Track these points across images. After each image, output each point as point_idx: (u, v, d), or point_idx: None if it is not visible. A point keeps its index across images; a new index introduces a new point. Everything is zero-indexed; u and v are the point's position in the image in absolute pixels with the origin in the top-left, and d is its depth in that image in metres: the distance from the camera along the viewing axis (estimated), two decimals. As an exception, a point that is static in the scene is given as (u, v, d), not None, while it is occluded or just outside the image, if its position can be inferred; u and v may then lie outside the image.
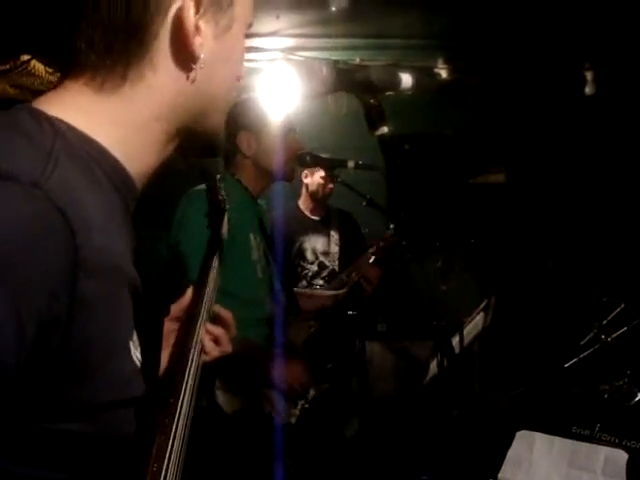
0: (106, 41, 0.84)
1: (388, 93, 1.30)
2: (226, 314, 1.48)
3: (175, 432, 1.01)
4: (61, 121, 0.82)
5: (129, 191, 0.89)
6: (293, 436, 2.56)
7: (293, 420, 2.58)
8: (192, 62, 0.88)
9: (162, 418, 1.01)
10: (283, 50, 4.50)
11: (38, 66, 4.56)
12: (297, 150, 2.75)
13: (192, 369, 1.18)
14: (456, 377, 3.14)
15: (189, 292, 1.40)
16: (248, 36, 1.01)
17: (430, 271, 3.68)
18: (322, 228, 3.96)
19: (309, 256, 3.89)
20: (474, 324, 3.47)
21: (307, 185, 3.95)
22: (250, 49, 4.30)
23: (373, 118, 1.30)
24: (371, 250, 3.23)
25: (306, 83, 1.09)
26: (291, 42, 4.49)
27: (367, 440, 3.53)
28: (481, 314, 3.58)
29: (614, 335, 3.26)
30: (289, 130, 2.71)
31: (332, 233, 3.97)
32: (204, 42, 0.88)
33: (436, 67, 4.80)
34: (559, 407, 2.32)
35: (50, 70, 4.65)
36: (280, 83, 4.37)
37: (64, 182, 0.74)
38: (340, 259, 3.90)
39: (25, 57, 4.42)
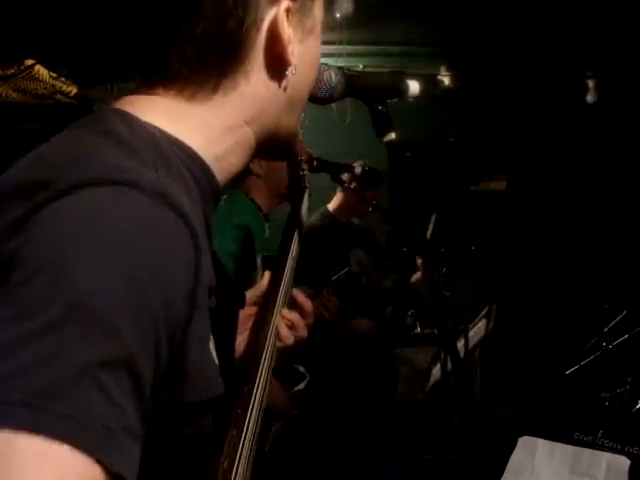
0: (199, 56, 0.84)
1: (395, 100, 1.31)
2: (303, 299, 1.45)
3: (248, 425, 1.00)
4: (153, 126, 0.81)
5: (214, 197, 0.89)
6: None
7: (267, 447, 2.57)
8: (285, 70, 0.89)
9: (235, 410, 0.99)
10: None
11: (42, 71, 4.57)
12: (304, 157, 2.75)
13: (267, 358, 1.16)
14: (457, 384, 3.15)
15: (267, 276, 1.39)
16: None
17: (433, 277, 3.68)
18: (360, 235, 3.80)
19: (355, 268, 3.71)
20: (476, 331, 3.48)
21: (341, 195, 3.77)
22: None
23: (381, 124, 1.30)
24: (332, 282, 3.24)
25: (315, 90, 1.10)
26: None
27: (367, 445, 3.53)
28: (483, 321, 3.59)
29: (615, 342, 3.26)
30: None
31: (369, 241, 3.82)
32: (294, 49, 0.88)
33: (439, 74, 4.82)
34: (561, 413, 2.32)
35: (54, 75, 4.67)
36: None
37: (173, 190, 0.73)
38: (378, 269, 3.78)
39: (29, 62, 4.43)
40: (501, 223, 5.49)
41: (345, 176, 3.05)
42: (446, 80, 4.88)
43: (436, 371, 3.56)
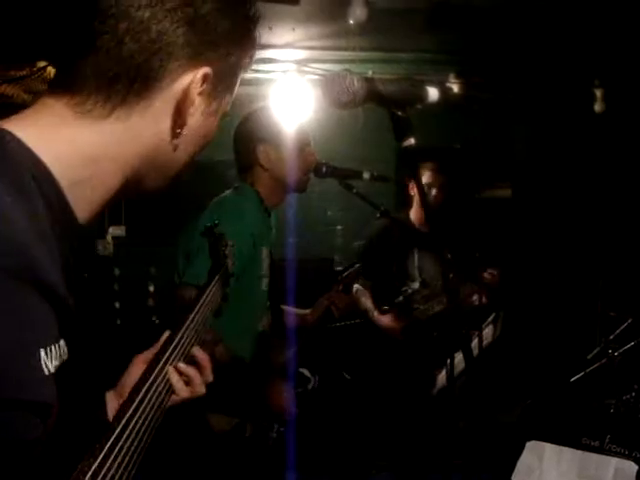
0: (114, 74, 0.89)
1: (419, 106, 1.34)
2: (202, 356, 1.44)
3: (109, 455, 0.99)
4: (10, 134, 0.85)
5: (69, 223, 0.90)
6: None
7: (269, 443, 2.60)
8: (179, 127, 0.96)
9: (95, 444, 0.98)
10: (297, 62, 4.55)
11: (54, 73, 4.60)
12: (312, 161, 2.76)
13: (144, 406, 1.14)
14: (463, 389, 3.16)
15: (164, 336, 1.38)
16: (263, 47, 1.08)
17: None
18: (431, 243, 3.81)
19: (413, 272, 3.79)
20: (483, 336, 3.48)
21: (414, 196, 3.85)
22: (265, 60, 4.36)
23: (400, 130, 1.33)
24: (340, 278, 3.28)
25: (335, 96, 1.12)
26: (305, 54, 4.54)
27: (372, 450, 3.54)
28: (490, 326, 3.60)
29: (621, 350, 3.27)
30: (305, 142, 2.72)
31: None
32: (195, 114, 0.96)
33: (448, 82, 4.84)
34: (569, 419, 2.34)
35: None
36: (294, 95, 4.41)
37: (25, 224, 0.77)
38: (444, 278, 3.67)
39: (42, 63, 4.46)
40: (506, 231, 5.50)
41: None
42: (454, 87, 4.91)
43: (441, 377, 3.57)
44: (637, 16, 3.97)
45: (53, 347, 0.84)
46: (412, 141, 1.32)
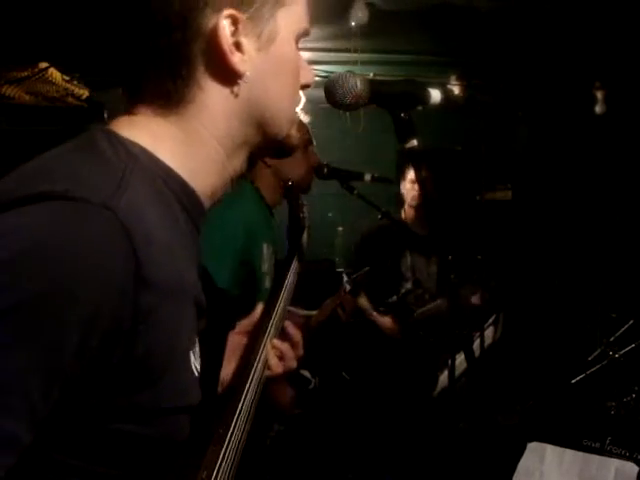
0: (157, 71, 0.89)
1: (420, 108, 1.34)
2: (294, 331, 1.48)
3: (228, 443, 1.04)
4: (134, 144, 0.87)
5: (195, 209, 0.92)
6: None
7: (267, 441, 2.60)
8: (236, 78, 0.91)
9: (217, 429, 1.04)
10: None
11: (56, 74, 4.59)
12: (314, 163, 2.76)
13: (252, 384, 1.20)
14: (463, 390, 3.16)
15: (260, 307, 1.43)
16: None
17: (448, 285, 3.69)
18: (424, 244, 3.79)
19: (406, 272, 3.78)
20: (484, 338, 3.48)
21: (403, 195, 3.84)
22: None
23: (403, 131, 1.33)
24: (347, 281, 3.27)
25: (338, 97, 1.12)
26: (307, 56, 4.55)
27: (372, 451, 3.54)
28: (490, 328, 3.60)
29: (622, 352, 3.27)
30: (308, 141, 2.72)
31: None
32: (247, 57, 0.90)
33: (449, 84, 4.85)
34: (570, 420, 2.34)
35: (67, 78, 4.70)
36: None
37: (133, 204, 0.78)
38: (439, 279, 3.75)
39: (44, 64, 4.46)
40: (507, 233, 5.50)
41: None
42: (456, 90, 4.92)
43: (443, 378, 3.57)
44: (638, 17, 3.98)
45: (197, 348, 0.88)
46: (414, 143, 1.33)
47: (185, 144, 0.91)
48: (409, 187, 3.77)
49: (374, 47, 4.35)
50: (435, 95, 1.39)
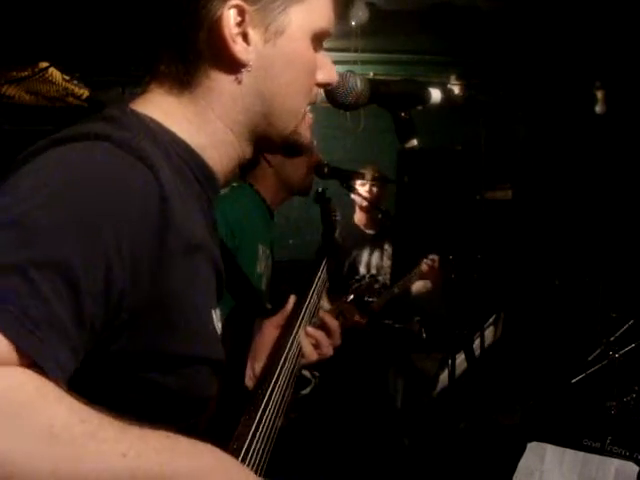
0: (168, 51, 0.95)
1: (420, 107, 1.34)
2: (331, 321, 1.51)
3: (260, 419, 1.09)
4: (145, 115, 0.92)
5: (208, 181, 0.97)
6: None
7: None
8: (239, 67, 0.94)
9: (249, 407, 1.09)
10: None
11: (56, 73, 4.60)
12: (315, 161, 2.75)
13: (284, 369, 1.24)
14: (464, 390, 3.16)
15: (291, 300, 1.46)
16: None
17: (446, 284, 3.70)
18: (376, 242, 4.12)
19: (362, 270, 4.02)
20: (484, 337, 3.48)
21: (356, 200, 4.05)
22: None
23: (403, 131, 1.33)
24: (351, 290, 3.36)
25: (339, 96, 1.12)
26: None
27: (373, 451, 3.54)
28: (490, 328, 3.60)
29: (622, 351, 3.26)
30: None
31: (386, 247, 4.14)
32: (252, 48, 0.93)
33: (449, 83, 4.85)
34: (570, 420, 2.34)
35: (67, 77, 4.70)
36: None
37: (149, 151, 0.84)
38: (392, 272, 4.07)
39: (44, 64, 4.46)
40: (507, 232, 5.50)
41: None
42: (456, 89, 4.91)
43: (443, 378, 3.57)
44: (638, 17, 3.98)
45: (218, 310, 0.92)
46: (415, 142, 1.33)
47: (194, 123, 0.95)
48: (364, 193, 3.99)
49: (374, 47, 4.36)
50: (435, 95, 1.39)
